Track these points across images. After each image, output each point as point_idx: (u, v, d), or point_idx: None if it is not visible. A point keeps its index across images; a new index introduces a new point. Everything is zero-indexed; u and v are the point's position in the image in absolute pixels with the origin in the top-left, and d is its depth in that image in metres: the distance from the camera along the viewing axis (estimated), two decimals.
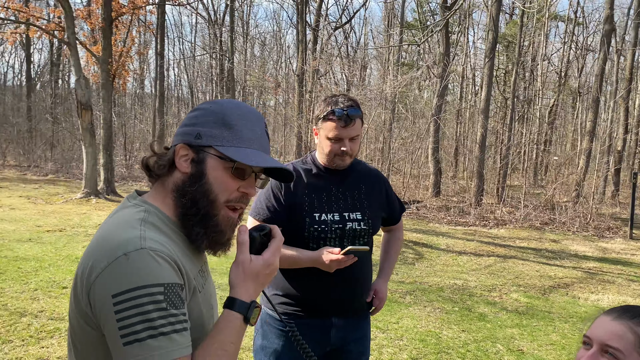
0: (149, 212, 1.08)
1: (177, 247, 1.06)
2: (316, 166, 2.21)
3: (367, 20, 37.01)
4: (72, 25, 11.84)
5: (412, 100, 22.85)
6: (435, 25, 8.83)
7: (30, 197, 11.71)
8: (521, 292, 6.34)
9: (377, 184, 2.28)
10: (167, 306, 0.95)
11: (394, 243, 2.43)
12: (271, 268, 1.11)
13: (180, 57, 32.37)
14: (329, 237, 2.10)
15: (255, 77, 28.13)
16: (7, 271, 5.68)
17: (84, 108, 11.93)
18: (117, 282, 0.95)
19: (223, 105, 1.15)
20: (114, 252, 0.97)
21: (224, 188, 1.10)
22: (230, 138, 1.10)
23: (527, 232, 11.19)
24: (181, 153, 1.10)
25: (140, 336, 0.93)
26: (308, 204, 2.12)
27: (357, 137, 2.12)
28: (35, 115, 22.41)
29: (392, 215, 2.37)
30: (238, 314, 1.05)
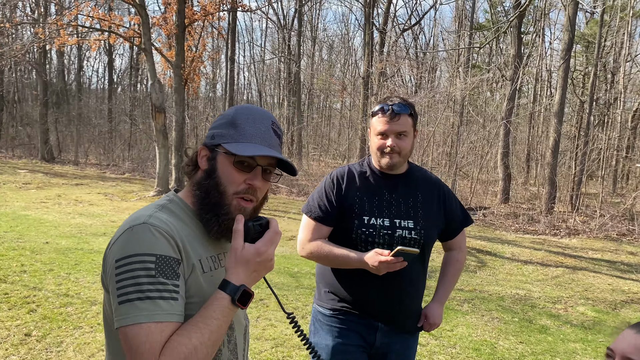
0: (172, 201, 1.26)
1: (189, 231, 1.20)
2: (371, 169, 2.20)
3: (437, 22, 36.34)
4: (148, 32, 12.51)
5: (483, 103, 22.21)
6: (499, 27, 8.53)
7: (108, 194, 12.46)
8: (589, 305, 6.01)
9: (435, 193, 2.20)
10: (156, 274, 1.07)
11: (452, 265, 2.30)
12: (263, 257, 1.18)
13: (250, 61, 33.26)
14: (377, 242, 2.08)
15: (321, 80, 28.41)
16: (82, 262, 6.09)
17: (157, 111, 12.55)
18: (120, 250, 1.10)
19: (235, 109, 1.29)
20: (126, 226, 1.14)
21: (231, 180, 1.22)
22: (234, 135, 1.24)
23: (602, 243, 10.57)
24: (202, 153, 1.28)
25: (130, 297, 1.05)
26: (358, 206, 2.12)
27: (404, 134, 2.09)
28: (115, 117, 23.81)
29: (450, 227, 2.25)
30: (226, 295, 1.13)
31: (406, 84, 28.56)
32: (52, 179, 14.57)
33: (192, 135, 21.41)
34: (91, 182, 14.59)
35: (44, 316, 4.36)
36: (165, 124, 12.91)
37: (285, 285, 5.84)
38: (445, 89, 18.32)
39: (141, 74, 29.00)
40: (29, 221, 8.37)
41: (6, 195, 11.02)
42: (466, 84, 16.32)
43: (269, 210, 11.52)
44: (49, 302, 4.69)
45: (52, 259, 6.11)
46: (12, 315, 4.33)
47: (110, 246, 1.15)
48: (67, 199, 11.11)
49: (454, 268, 2.28)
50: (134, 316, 1.04)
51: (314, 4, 29.67)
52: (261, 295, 5.27)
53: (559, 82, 14.23)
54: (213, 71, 28.75)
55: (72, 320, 4.33)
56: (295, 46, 25.47)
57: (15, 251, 6.35)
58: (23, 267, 5.69)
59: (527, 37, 25.84)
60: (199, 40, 15.39)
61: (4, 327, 4.09)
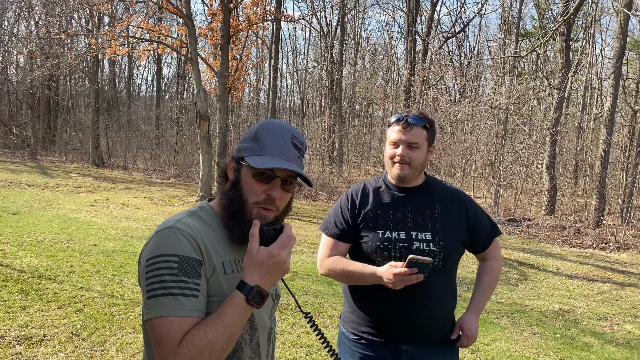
0: (202, 208, 1.38)
1: (215, 235, 1.32)
2: (385, 184, 2.22)
3: (482, 29, 35.80)
4: (194, 42, 12.88)
5: (529, 112, 21.68)
6: (544, 34, 8.33)
7: (153, 198, 12.86)
8: (637, 323, 5.77)
9: (455, 205, 2.17)
10: (179, 273, 1.19)
11: (487, 274, 2.23)
12: (276, 259, 1.25)
13: (293, 69, 33.63)
14: (393, 255, 2.07)
15: (363, 88, 28.40)
16: (126, 265, 6.32)
17: (202, 118, 12.89)
18: (150, 250, 1.24)
19: (259, 124, 1.39)
20: (156, 230, 1.28)
21: (251, 191, 1.32)
22: (256, 149, 1.34)
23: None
24: (230, 165, 1.39)
25: (156, 293, 1.18)
26: (372, 220, 2.13)
27: (415, 146, 2.08)
28: (162, 124, 24.54)
29: (478, 239, 2.19)
30: (240, 294, 1.22)
31: (449, 92, 28.23)
32: (101, 183, 15.16)
33: (235, 142, 21.81)
34: (138, 186, 15.09)
35: (90, 316, 4.56)
36: (210, 131, 13.23)
37: (322, 293, 5.88)
38: (490, 97, 18.01)
39: (187, 82, 29.82)
40: (79, 224, 8.74)
41: (59, 198, 11.54)
42: (511, 92, 15.99)
43: (308, 216, 11.61)
44: (95, 303, 4.89)
45: (99, 261, 6.37)
46: (61, 314, 4.54)
47: (143, 248, 1.28)
48: (114, 203, 11.53)
49: (490, 277, 2.23)
50: (158, 310, 1.17)
51: (357, 13, 29.79)
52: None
53: (610, 91, 13.76)
54: (257, 79, 29.26)
55: (116, 321, 4.51)
56: (338, 54, 25.61)
57: (65, 252, 6.65)
58: (72, 268, 5.96)
59: (577, 44, 25.09)
60: (243, 49, 15.72)
61: (52, 325, 4.30)
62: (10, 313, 4.46)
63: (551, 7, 25.16)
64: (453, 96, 26.79)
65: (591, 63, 23.42)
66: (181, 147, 23.30)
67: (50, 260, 6.22)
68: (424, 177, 2.22)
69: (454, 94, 28.17)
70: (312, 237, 9.44)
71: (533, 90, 20.31)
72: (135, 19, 13.92)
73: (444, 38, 25.10)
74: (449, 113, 16.21)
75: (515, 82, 17.88)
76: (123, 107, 26.07)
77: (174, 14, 13.89)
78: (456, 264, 2.19)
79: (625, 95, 20.57)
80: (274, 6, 17.03)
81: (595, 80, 25.19)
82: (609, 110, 13.45)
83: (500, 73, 19.44)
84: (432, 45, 20.46)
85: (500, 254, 2.29)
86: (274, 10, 15.77)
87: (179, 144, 23.44)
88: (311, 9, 25.68)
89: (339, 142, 23.57)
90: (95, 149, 20.80)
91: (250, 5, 13.71)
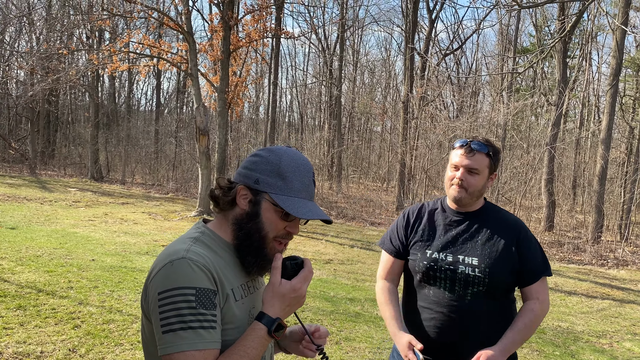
0: (204, 233, 1.34)
1: (222, 262, 1.29)
2: (442, 206, 2.28)
3: (479, 46, 36.10)
4: (194, 58, 12.98)
5: (527, 128, 21.80)
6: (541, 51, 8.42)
7: (152, 213, 12.85)
8: (637, 341, 5.76)
9: (509, 234, 2.14)
10: (197, 306, 1.17)
11: (525, 315, 2.11)
12: (297, 293, 1.28)
13: (292, 84, 33.83)
14: (439, 276, 2.13)
15: (362, 104, 28.54)
16: (125, 280, 6.30)
17: (201, 133, 12.93)
18: (162, 283, 1.20)
19: (279, 156, 1.34)
20: (165, 260, 1.23)
21: (274, 227, 1.32)
22: (283, 187, 1.31)
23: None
24: (242, 193, 1.33)
25: (174, 327, 1.16)
26: (423, 240, 2.21)
27: (475, 171, 2.12)
28: (161, 139, 24.60)
29: (524, 273, 2.13)
30: (263, 326, 1.24)
31: (447, 107, 28.39)
32: (100, 197, 15.15)
33: (234, 156, 21.86)
34: (136, 201, 15.08)
35: (88, 332, 4.53)
36: (209, 146, 13.27)
37: (320, 309, 5.86)
38: (488, 114, 18.11)
39: (187, 97, 29.96)
40: (77, 238, 8.73)
41: (57, 212, 11.53)
42: (509, 109, 16.09)
43: (307, 232, 11.59)
44: (93, 319, 4.87)
45: (97, 276, 6.35)
46: (58, 330, 4.52)
47: (151, 278, 1.24)
48: (113, 218, 11.52)
49: (527, 318, 2.10)
50: (178, 345, 1.15)
51: (356, 30, 30.06)
52: (296, 320, 5.31)
53: (607, 108, 13.86)
54: (256, 94, 29.41)
55: (114, 337, 4.49)
56: (337, 70, 25.78)
57: (63, 267, 6.63)
58: (70, 284, 5.94)
59: (574, 60, 25.32)
60: (243, 65, 15.84)
61: (50, 341, 4.27)
62: (8, 329, 4.44)
63: (548, 24, 25.44)
64: (451, 112, 26.92)
65: (588, 80, 23.63)
66: (180, 162, 23.33)
67: (48, 275, 6.20)
68: (482, 202, 2.25)
69: (452, 109, 28.33)
70: (311, 253, 9.42)
71: (531, 106, 20.44)
72: (136, 35, 14.04)
73: (442, 55, 25.31)
74: (447, 129, 16.28)
75: (513, 98, 18.00)
76: (122, 121, 26.15)
77: (174, 30, 14.01)
78: (507, 291, 2.17)
79: (623, 111, 20.72)
80: (274, 23, 17.20)
81: (593, 97, 25.37)
82: (606, 127, 13.53)
83: (498, 89, 19.58)
84: (430, 61, 20.62)
85: (547, 298, 2.15)
86: (274, 27, 15.92)
87: (177, 159, 23.47)
88: (311, 27, 25.92)
89: (338, 157, 23.63)
90: (94, 164, 20.81)
91: (251, 22, 13.84)
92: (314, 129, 30.36)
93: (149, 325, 1.26)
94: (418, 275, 2.18)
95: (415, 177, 17.19)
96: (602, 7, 15.67)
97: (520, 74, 19.81)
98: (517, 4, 6.48)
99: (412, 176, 17.41)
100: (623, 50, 14.48)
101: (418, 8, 19.90)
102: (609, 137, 13.73)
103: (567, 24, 12.00)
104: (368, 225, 14.47)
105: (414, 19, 19.15)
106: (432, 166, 17.01)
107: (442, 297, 2.12)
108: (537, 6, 10.46)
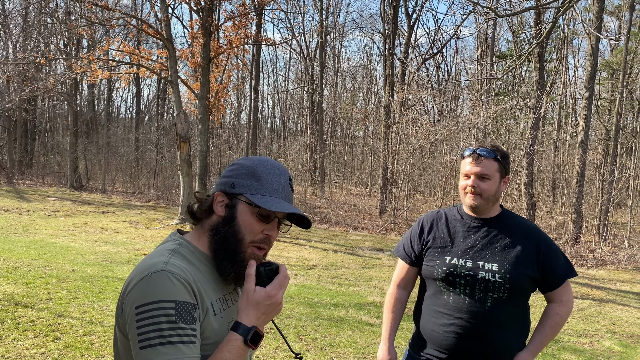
0: (182, 245, 1.31)
1: (200, 275, 1.26)
2: (459, 213, 2.31)
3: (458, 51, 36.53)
4: (174, 65, 12.91)
5: (506, 131, 22.12)
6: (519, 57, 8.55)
7: (133, 221, 12.70)
8: (616, 340, 5.85)
9: (528, 240, 2.18)
10: (177, 320, 1.13)
11: (551, 318, 2.20)
12: (272, 300, 1.24)
13: (274, 90, 33.83)
14: (458, 282, 2.15)
15: (344, 109, 28.64)
16: (106, 290, 6.21)
17: (182, 140, 12.84)
18: (140, 296, 1.15)
19: (254, 161, 1.35)
20: (143, 272, 1.18)
21: (250, 230, 1.29)
22: (257, 187, 1.30)
23: (631, 274, 10.30)
24: (218, 199, 1.32)
25: (152, 342, 1.11)
26: (441, 246, 2.23)
27: (486, 177, 2.17)
28: (142, 146, 24.36)
29: (548, 278, 2.17)
30: (238, 336, 1.20)
31: (428, 112, 28.64)
32: (80, 206, 14.93)
33: (217, 163, 21.75)
34: (117, 209, 14.90)
35: (68, 344, 4.46)
36: (190, 153, 13.18)
37: (304, 315, 5.85)
38: (468, 118, 18.33)
39: (167, 104, 29.76)
40: (57, 249, 8.58)
41: (35, 222, 11.33)
42: (489, 113, 16.31)
43: (291, 238, 11.57)
44: (73, 330, 4.79)
45: (77, 287, 6.25)
46: (38, 343, 4.43)
47: (127, 291, 1.19)
48: (93, 227, 11.36)
49: (552, 321, 2.19)
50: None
51: (337, 35, 30.21)
52: (279, 326, 5.29)
53: (583, 111, 14.12)
54: (238, 100, 29.33)
55: (95, 349, 4.42)
56: (318, 76, 25.86)
57: (42, 279, 6.51)
58: (49, 295, 5.83)
59: (552, 64, 25.76)
60: (224, 72, 15.80)
61: (29, 355, 4.19)
62: None
63: (525, 29, 25.86)
64: (432, 116, 27.17)
65: (565, 83, 24.05)
66: (161, 170, 23.13)
67: (26, 287, 6.08)
68: (499, 209, 2.28)
69: (433, 114, 28.58)
70: (295, 259, 9.40)
71: (510, 110, 20.73)
72: (116, 42, 13.90)
73: (422, 60, 25.56)
74: (428, 133, 16.43)
75: (492, 102, 18.25)
76: (102, 129, 25.84)
77: (154, 37, 13.92)
78: (525, 297, 2.21)
79: (599, 114, 21.12)
80: (255, 30, 17.20)
81: (570, 100, 25.84)
82: (583, 130, 13.78)
83: (478, 94, 19.83)
84: (410, 66, 20.80)
85: (571, 299, 2.23)
86: (255, 34, 15.92)
87: (158, 166, 23.26)
88: (292, 34, 25.98)
89: (320, 162, 23.66)
90: (74, 172, 20.51)
91: (232, 29, 13.81)
92: (297, 135, 30.39)
93: (124, 341, 1.21)
94: (437, 281, 2.20)
95: (397, 182, 17.29)
96: (576, 11, 15.98)
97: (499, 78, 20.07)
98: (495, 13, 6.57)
99: (395, 180, 17.51)
100: (598, 54, 14.78)
101: (398, 14, 20.08)
102: (586, 139, 13.98)
103: (544, 29, 12.21)
104: (351, 230, 14.49)
105: (394, 25, 19.31)
106: (414, 170, 17.12)
107: (462, 303, 2.14)
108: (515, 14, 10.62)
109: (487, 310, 2.08)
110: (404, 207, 16.11)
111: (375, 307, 6.51)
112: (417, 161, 17.48)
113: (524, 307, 2.21)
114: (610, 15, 22.81)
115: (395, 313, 2.36)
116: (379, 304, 6.62)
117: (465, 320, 2.10)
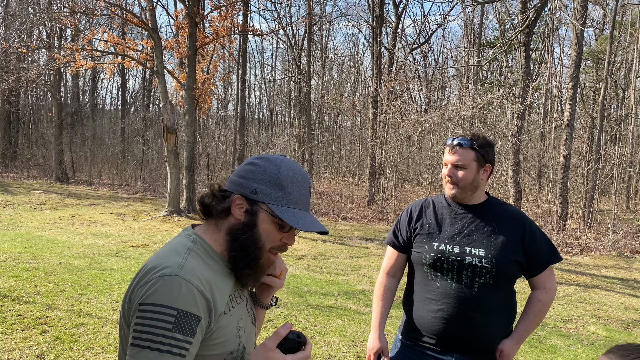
0: (196, 242, 1.27)
1: (213, 274, 1.24)
2: (445, 200, 2.33)
3: (445, 40, 36.59)
4: (160, 55, 12.77)
5: (493, 120, 22.24)
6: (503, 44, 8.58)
7: (120, 214, 12.61)
8: (601, 324, 5.96)
9: (513, 225, 2.21)
10: (173, 329, 1.11)
11: (534, 305, 2.22)
12: None
13: (261, 80, 33.65)
14: (446, 267, 2.17)
15: (332, 99, 28.59)
16: (94, 283, 6.18)
17: (169, 132, 12.75)
18: (147, 295, 1.13)
19: (278, 166, 1.30)
20: (157, 271, 1.16)
21: (271, 239, 1.28)
22: (281, 198, 1.27)
23: (615, 260, 10.47)
24: (237, 202, 1.28)
25: (142, 344, 1.10)
26: (429, 233, 2.26)
27: (462, 166, 2.19)
28: (128, 138, 24.13)
29: (531, 263, 2.19)
30: None
31: (416, 102, 28.69)
32: (66, 199, 14.79)
33: (204, 154, 21.62)
34: (104, 202, 14.78)
35: (57, 337, 4.43)
36: (177, 144, 13.09)
37: (294, 304, 5.87)
38: (455, 107, 18.40)
39: (153, 95, 29.47)
40: (43, 242, 8.51)
41: (21, 216, 11.21)
42: (476, 102, 16.38)
43: None
44: (62, 323, 4.77)
45: (65, 280, 6.21)
46: (25, 337, 4.40)
47: (136, 284, 1.18)
48: (80, 220, 11.26)
49: (536, 308, 2.22)
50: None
51: (323, 24, 30.06)
52: (269, 316, 5.31)
53: (568, 99, 14.25)
54: (225, 91, 29.13)
55: (84, 341, 4.40)
56: (306, 66, 25.75)
57: (29, 272, 6.46)
58: (37, 288, 5.79)
59: (537, 53, 25.89)
60: (210, 62, 15.66)
61: (17, 348, 4.16)
62: None
63: (512, 17, 25.94)
64: (419, 106, 27.22)
65: (550, 72, 24.20)
66: (148, 161, 22.95)
67: (13, 280, 6.03)
68: (485, 196, 2.30)
69: (420, 104, 28.64)
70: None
71: (497, 99, 20.84)
72: (100, 32, 13.71)
73: (409, 49, 25.55)
74: (416, 123, 16.47)
75: (479, 91, 18.32)
76: (87, 120, 25.54)
77: (139, 27, 13.74)
78: (511, 282, 2.23)
79: (584, 103, 21.30)
80: (242, 20, 17.04)
81: (555, 89, 26.04)
82: (568, 118, 13.91)
83: (465, 83, 19.89)
84: (398, 56, 20.79)
85: (554, 286, 2.24)
86: (241, 24, 15.78)
87: (145, 158, 23.08)
88: (279, 24, 25.79)
89: (309, 153, 23.61)
90: (59, 165, 20.28)
91: (218, 19, 13.68)
92: (284, 125, 30.30)
93: (126, 330, 1.20)
94: (424, 267, 2.22)
95: (385, 171, 17.34)
96: (561, 1, 16.05)
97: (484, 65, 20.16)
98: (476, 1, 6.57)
99: (383, 170, 17.55)
100: (582, 43, 14.88)
101: (384, 3, 20.03)
102: (571, 127, 14.12)
103: (529, 16, 12.25)
104: (340, 220, 14.53)
105: (380, 14, 19.26)
106: (402, 160, 17.16)
107: (450, 288, 2.16)
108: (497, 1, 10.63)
109: (474, 295, 2.11)
110: (392, 197, 16.18)
111: (364, 295, 6.55)
112: (405, 151, 17.53)
113: (510, 292, 2.24)
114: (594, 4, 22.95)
115: (385, 301, 2.38)
116: (368, 292, 6.66)
117: (453, 306, 2.13)
